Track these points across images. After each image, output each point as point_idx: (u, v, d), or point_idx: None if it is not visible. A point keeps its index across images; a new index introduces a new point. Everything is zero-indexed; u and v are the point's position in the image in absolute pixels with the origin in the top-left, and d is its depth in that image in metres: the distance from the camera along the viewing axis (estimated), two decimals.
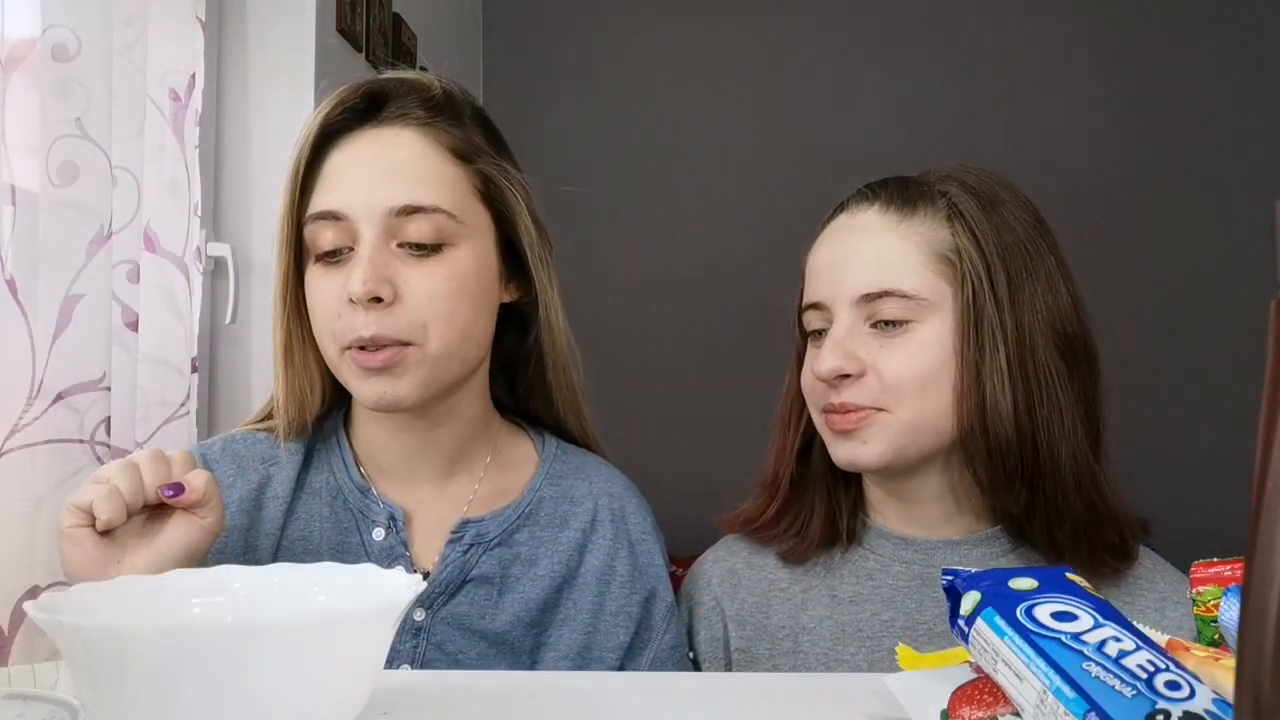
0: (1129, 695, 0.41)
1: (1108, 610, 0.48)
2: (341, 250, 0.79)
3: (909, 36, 2.74)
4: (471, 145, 0.82)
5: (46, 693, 0.49)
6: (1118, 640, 0.44)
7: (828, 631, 0.84)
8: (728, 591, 0.89)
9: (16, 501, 0.95)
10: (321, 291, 0.79)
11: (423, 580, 0.50)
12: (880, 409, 0.80)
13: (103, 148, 1.10)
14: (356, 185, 0.79)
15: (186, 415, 1.26)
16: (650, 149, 2.75)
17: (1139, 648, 0.44)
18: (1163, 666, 0.42)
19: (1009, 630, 0.47)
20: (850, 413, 0.80)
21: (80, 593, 0.50)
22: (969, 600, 0.50)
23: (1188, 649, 0.46)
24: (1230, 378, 1.73)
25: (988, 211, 0.82)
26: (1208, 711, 0.40)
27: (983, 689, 0.48)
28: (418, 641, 0.80)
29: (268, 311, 0.85)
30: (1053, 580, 0.50)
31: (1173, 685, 0.41)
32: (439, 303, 0.78)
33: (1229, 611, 0.51)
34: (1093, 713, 0.41)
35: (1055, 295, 0.81)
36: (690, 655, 0.89)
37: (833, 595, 0.85)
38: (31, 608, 0.43)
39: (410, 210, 0.78)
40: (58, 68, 1.05)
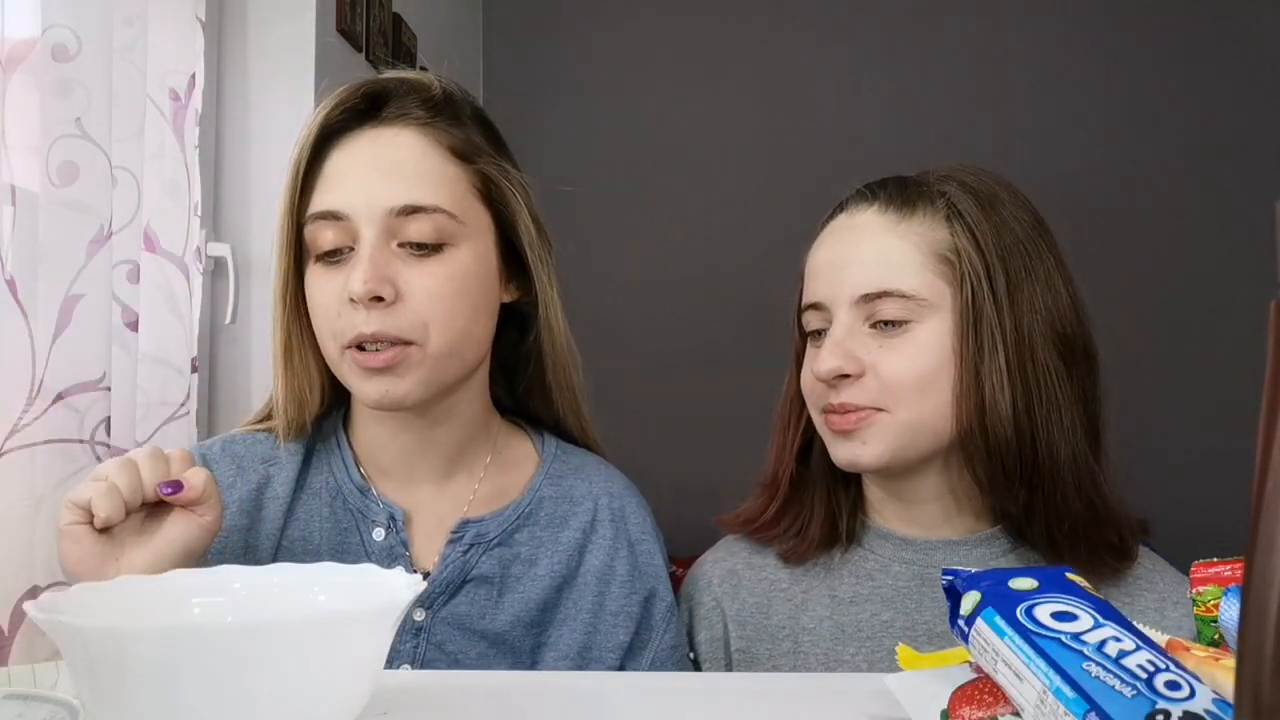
0: (1129, 695, 0.41)
1: (1108, 610, 0.47)
2: (342, 250, 0.79)
3: (908, 37, 2.74)
4: (471, 145, 0.82)
5: (46, 693, 0.49)
6: (1118, 640, 0.44)
7: (828, 632, 0.84)
8: (728, 592, 0.89)
9: (16, 501, 0.95)
10: (322, 291, 0.79)
11: (423, 580, 0.50)
12: (879, 409, 0.80)
13: (103, 148, 1.10)
14: (357, 185, 0.79)
15: (186, 415, 1.26)
16: (649, 149, 2.74)
17: (1139, 648, 0.44)
18: (1163, 666, 0.42)
19: (1009, 630, 0.47)
20: (850, 413, 0.80)
21: (80, 593, 0.50)
22: (969, 600, 0.50)
23: (1188, 649, 0.46)
24: (1230, 378, 1.73)
25: (987, 211, 0.82)
26: (1208, 711, 0.40)
27: (983, 689, 0.48)
28: (418, 641, 0.80)
29: (268, 311, 0.85)
30: (1053, 580, 0.50)
31: (1173, 685, 0.41)
32: (439, 302, 0.78)
33: (1229, 611, 0.51)
34: (1093, 713, 0.41)
35: (1054, 295, 0.81)
36: (690, 655, 0.89)
37: (833, 595, 0.85)
38: (31, 608, 0.43)
39: (411, 210, 0.78)
40: (58, 68, 1.05)
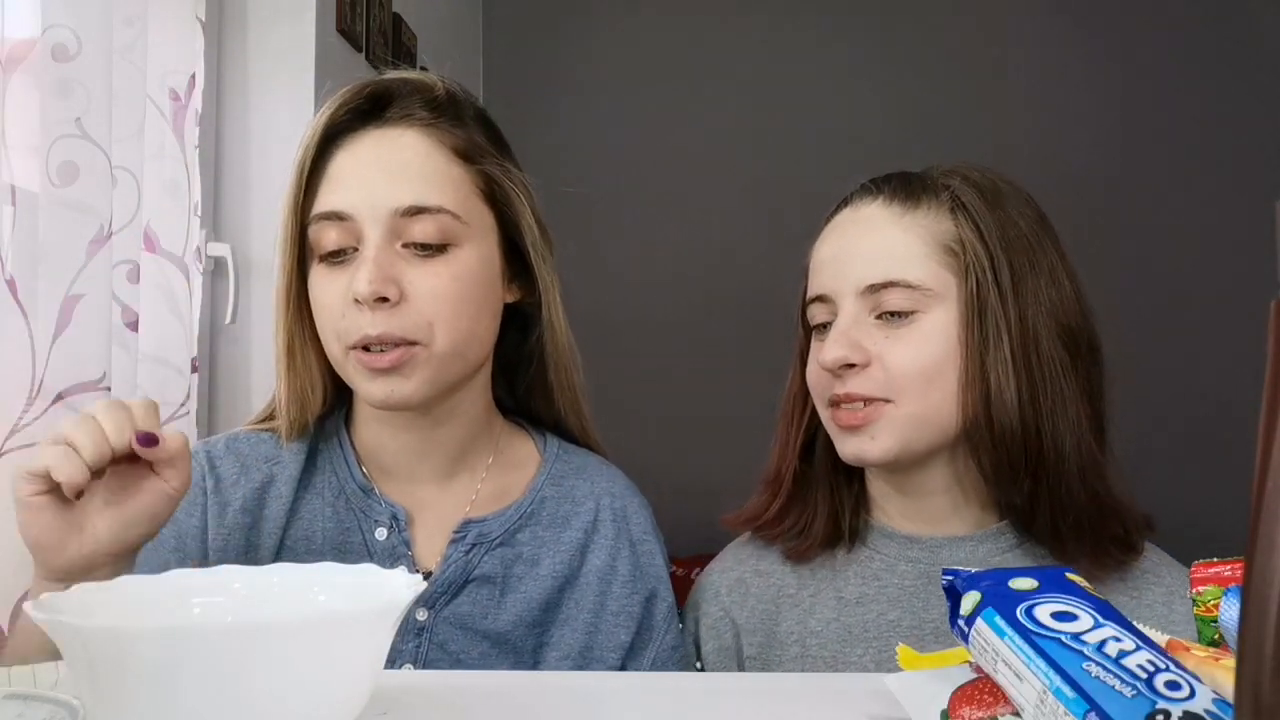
0: (1129, 695, 0.41)
1: (1108, 610, 0.47)
2: (345, 250, 0.79)
3: (908, 37, 2.74)
4: (475, 146, 0.82)
5: (46, 692, 0.49)
6: (1118, 640, 0.44)
7: (834, 634, 0.84)
8: (737, 601, 0.88)
9: None
10: (325, 292, 0.79)
11: (423, 580, 0.50)
12: (885, 400, 0.80)
13: (103, 148, 1.10)
14: (361, 186, 0.79)
15: (186, 415, 1.26)
16: (649, 149, 2.74)
17: (1139, 648, 0.44)
18: (1163, 666, 0.42)
19: (1009, 630, 0.47)
20: (856, 406, 0.80)
21: (80, 593, 0.50)
22: (969, 600, 0.50)
23: (1188, 649, 0.46)
24: (1230, 378, 1.73)
25: (990, 204, 0.82)
26: (1208, 711, 0.40)
27: (983, 689, 0.48)
28: (420, 641, 0.80)
29: (268, 311, 0.85)
30: (1053, 580, 0.50)
31: (1173, 685, 0.41)
32: (444, 303, 0.78)
33: (1229, 611, 0.51)
34: (1093, 713, 0.41)
35: (1058, 288, 0.81)
36: (697, 665, 0.89)
37: (839, 597, 0.85)
38: (31, 607, 0.43)
39: (415, 211, 0.78)
40: (58, 68, 1.05)
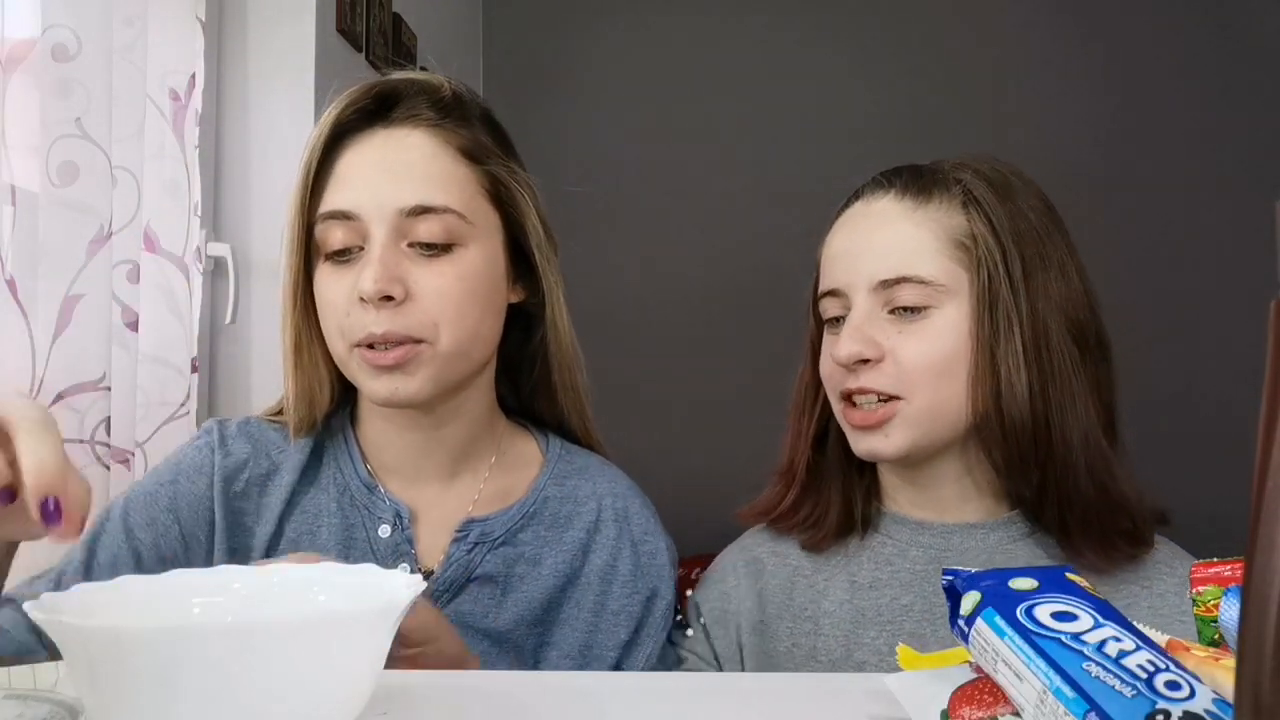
0: (1129, 695, 0.41)
1: (1108, 610, 0.47)
2: (351, 249, 0.79)
3: (908, 36, 2.74)
4: (481, 146, 0.83)
5: (46, 693, 0.49)
6: (1118, 640, 0.44)
7: (847, 615, 0.84)
8: (753, 573, 0.89)
9: None
10: (331, 290, 0.79)
11: (423, 580, 0.50)
12: (897, 396, 0.80)
13: (103, 148, 1.10)
14: (367, 185, 0.79)
15: (186, 415, 1.26)
16: (649, 149, 2.74)
17: (1139, 648, 0.44)
18: (1163, 666, 0.42)
19: (1009, 630, 0.47)
20: (870, 400, 0.81)
21: (79, 592, 0.49)
22: (969, 600, 0.50)
23: (1188, 649, 0.46)
24: (1229, 378, 1.73)
25: (1002, 198, 0.82)
26: (1208, 711, 0.40)
27: (983, 689, 0.48)
28: None
29: (268, 311, 0.85)
30: (1053, 580, 0.50)
31: (1173, 685, 0.41)
32: (449, 302, 0.78)
33: (1229, 611, 0.51)
34: (1093, 713, 0.41)
35: (1068, 283, 0.82)
36: (688, 633, 0.89)
37: (852, 581, 0.86)
38: (30, 608, 0.43)
39: (421, 210, 0.78)
40: (58, 68, 1.05)
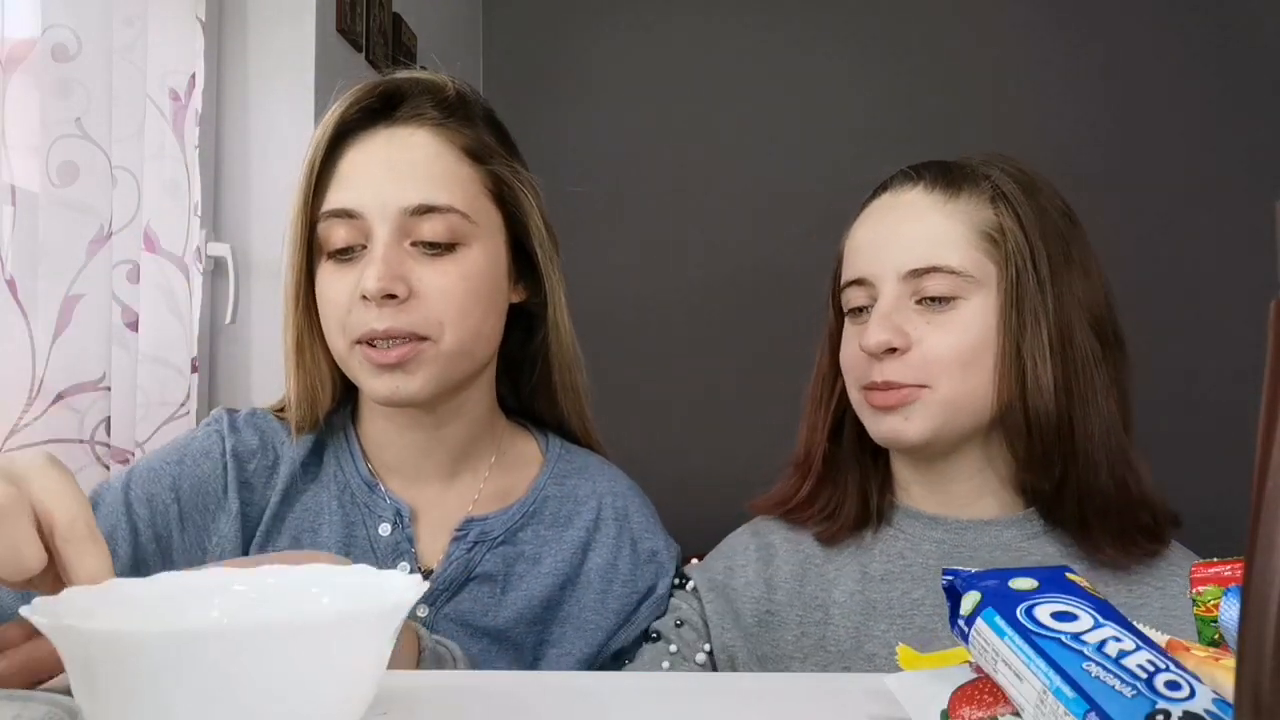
0: (1129, 695, 0.41)
1: (1108, 610, 0.47)
2: (353, 248, 0.79)
3: (909, 36, 2.73)
4: (484, 146, 0.83)
5: (44, 693, 0.48)
6: (1118, 640, 0.44)
7: (858, 606, 0.84)
8: (764, 558, 0.89)
9: None
10: (332, 288, 0.79)
11: (424, 581, 0.50)
12: (922, 385, 0.80)
13: (103, 148, 1.10)
14: (371, 184, 0.79)
15: (186, 415, 1.26)
16: (649, 149, 2.74)
17: (1139, 648, 0.44)
18: (1163, 666, 0.42)
19: (1009, 630, 0.47)
20: (893, 389, 0.81)
21: (73, 595, 0.49)
22: (969, 600, 0.50)
23: (1188, 649, 0.46)
24: (1229, 378, 1.73)
25: (1028, 195, 0.83)
26: (1208, 711, 0.40)
27: (983, 689, 0.48)
28: None
29: (268, 311, 0.85)
30: (1053, 580, 0.50)
31: (1173, 685, 0.41)
32: (453, 301, 0.78)
33: (1229, 611, 0.51)
34: (1093, 713, 0.41)
35: (1089, 280, 0.83)
36: (694, 594, 0.88)
37: (864, 572, 0.86)
38: (27, 611, 0.43)
39: (424, 210, 0.78)
40: (58, 68, 1.05)
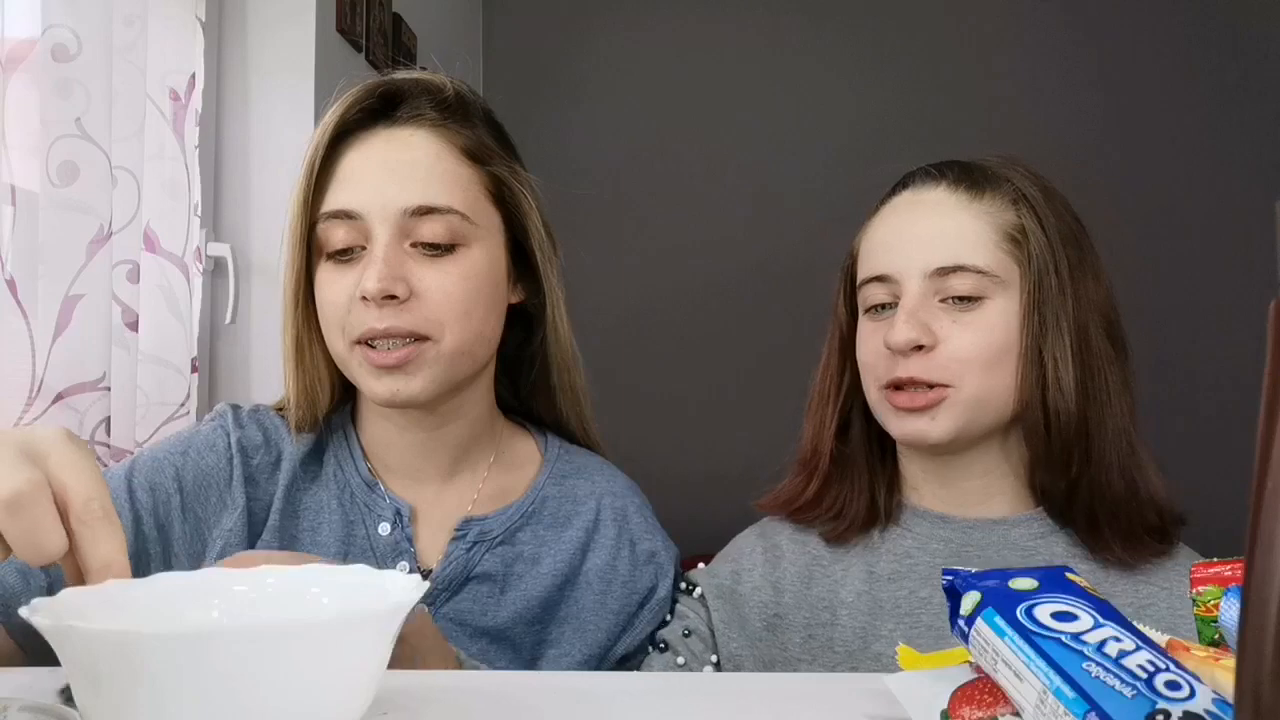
0: (1129, 695, 0.41)
1: (1108, 610, 0.47)
2: (353, 249, 0.79)
3: (909, 35, 2.73)
4: (483, 147, 0.83)
5: (40, 700, 0.48)
6: (1118, 640, 0.44)
7: (865, 606, 0.84)
8: (771, 560, 0.89)
9: None
10: (332, 289, 0.79)
11: (425, 581, 0.50)
12: (946, 384, 0.81)
13: (103, 148, 1.10)
14: (371, 185, 0.79)
15: (186, 415, 1.26)
16: (649, 149, 2.74)
17: (1139, 648, 0.44)
18: (1163, 666, 0.42)
19: (1009, 630, 0.47)
20: (920, 392, 0.81)
21: (71, 596, 0.48)
22: (969, 600, 0.50)
23: (1188, 649, 0.46)
24: (1229, 379, 1.73)
25: (1047, 199, 0.85)
26: (1208, 711, 0.40)
27: (983, 689, 0.48)
28: None
29: (268, 311, 0.85)
30: (1053, 580, 0.50)
31: (1173, 685, 0.41)
32: (454, 301, 0.78)
33: (1229, 611, 0.51)
34: (1093, 713, 0.41)
35: (1100, 285, 0.85)
36: (700, 600, 0.88)
37: (871, 572, 0.86)
38: (27, 612, 0.42)
39: (424, 211, 0.78)
40: (58, 68, 1.05)
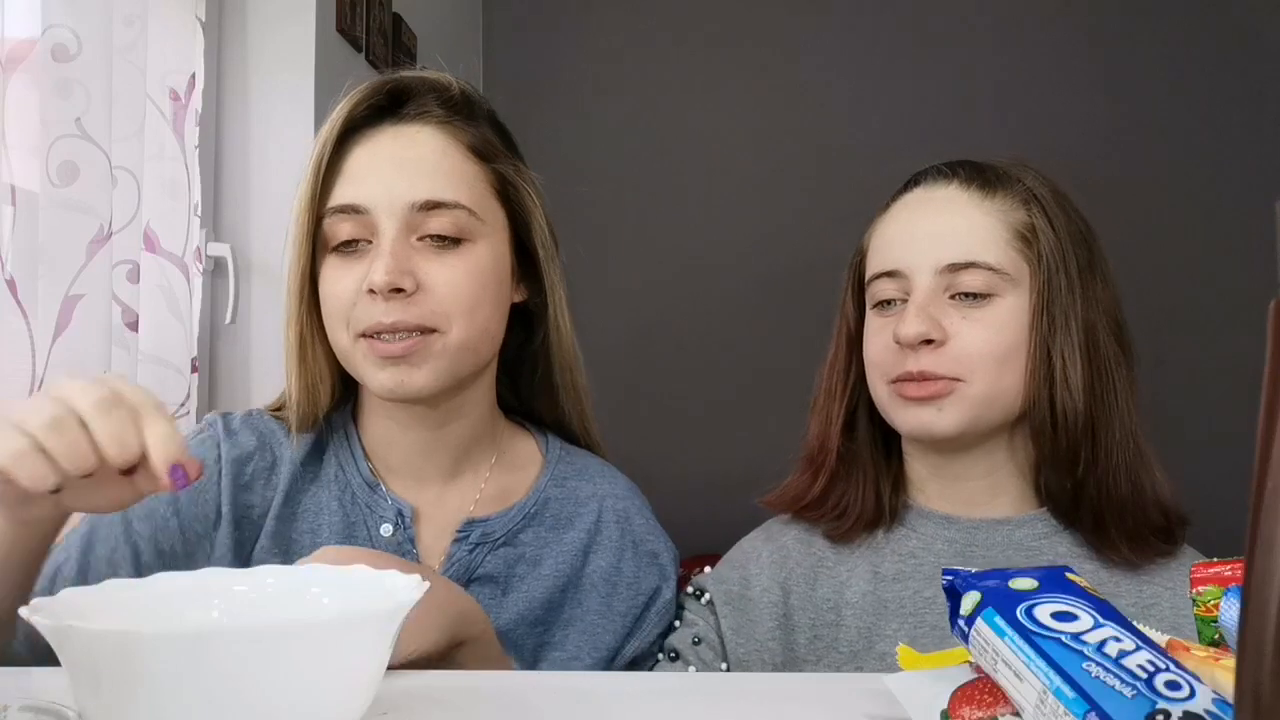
0: (1129, 695, 0.41)
1: (1108, 610, 0.48)
2: (358, 242, 0.79)
3: (909, 35, 2.73)
4: (488, 144, 0.83)
5: (41, 700, 0.48)
6: (1118, 640, 0.44)
7: (869, 606, 0.84)
8: (777, 562, 0.89)
9: None
10: (338, 283, 0.79)
11: (425, 582, 0.50)
12: (956, 379, 0.81)
13: (103, 148, 1.10)
14: (378, 180, 0.79)
15: (186, 415, 1.26)
16: (649, 149, 2.74)
17: (1139, 648, 0.44)
18: (1163, 666, 0.42)
19: (1009, 630, 0.47)
20: (929, 381, 0.81)
21: (71, 597, 0.48)
22: (969, 600, 0.50)
23: (1188, 649, 0.46)
24: (1229, 379, 1.73)
25: (1058, 200, 0.85)
26: (1208, 711, 0.40)
27: (983, 689, 0.48)
28: None
29: (268, 311, 0.85)
30: (1053, 580, 0.50)
31: (1173, 685, 0.41)
32: (461, 294, 0.78)
33: (1229, 611, 0.51)
34: (1093, 713, 0.41)
35: (1108, 286, 0.85)
36: (709, 606, 0.88)
37: (875, 572, 0.86)
38: (27, 612, 0.42)
39: (432, 205, 0.78)
40: (58, 68, 1.05)
